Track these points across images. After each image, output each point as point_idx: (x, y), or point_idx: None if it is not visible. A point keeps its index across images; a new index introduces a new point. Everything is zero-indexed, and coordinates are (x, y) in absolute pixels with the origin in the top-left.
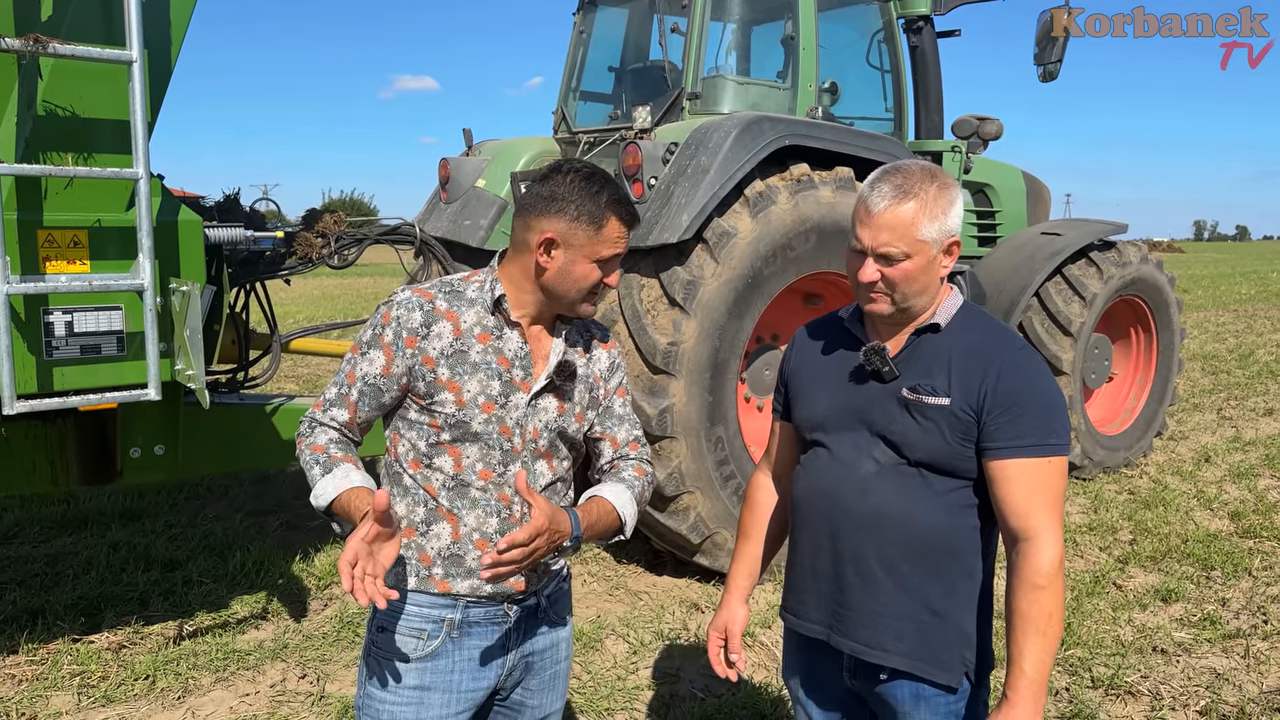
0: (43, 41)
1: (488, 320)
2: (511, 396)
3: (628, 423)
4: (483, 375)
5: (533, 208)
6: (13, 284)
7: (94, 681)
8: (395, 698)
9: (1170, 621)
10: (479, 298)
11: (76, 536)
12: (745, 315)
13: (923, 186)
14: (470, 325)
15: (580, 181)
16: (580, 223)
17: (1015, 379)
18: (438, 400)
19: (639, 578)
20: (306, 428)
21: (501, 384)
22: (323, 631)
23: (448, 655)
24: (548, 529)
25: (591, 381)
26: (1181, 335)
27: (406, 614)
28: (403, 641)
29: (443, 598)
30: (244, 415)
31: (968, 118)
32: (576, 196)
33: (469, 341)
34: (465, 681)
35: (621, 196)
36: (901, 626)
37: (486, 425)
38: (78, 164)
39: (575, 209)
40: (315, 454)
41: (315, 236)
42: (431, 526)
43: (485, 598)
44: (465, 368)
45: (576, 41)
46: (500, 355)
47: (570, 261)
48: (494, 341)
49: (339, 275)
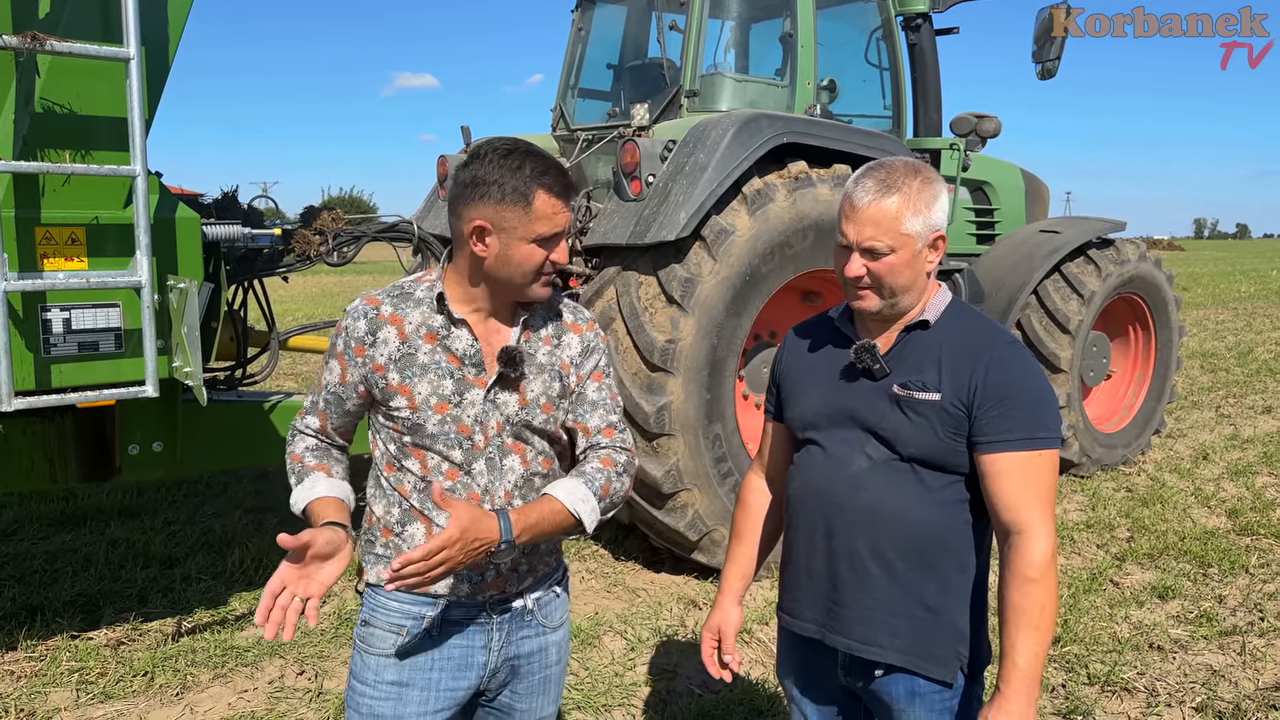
0: (40, 39)
1: (434, 320)
2: (466, 394)
3: (601, 409)
4: (433, 376)
5: (459, 197)
6: (10, 281)
7: (93, 678)
8: (375, 692)
9: (1167, 618)
10: (426, 297)
11: (75, 533)
12: (743, 313)
13: (906, 181)
14: (415, 327)
15: (500, 159)
16: (506, 204)
17: (1005, 373)
18: (393, 405)
19: (637, 574)
20: (290, 435)
21: (454, 382)
22: (320, 628)
23: (426, 652)
24: (460, 539)
25: (558, 369)
26: (1180, 333)
27: (387, 609)
28: (383, 636)
29: (422, 596)
30: (242, 412)
31: (966, 115)
32: (498, 176)
33: (415, 343)
34: (445, 680)
35: (548, 168)
36: (896, 623)
37: (442, 425)
38: (75, 161)
39: (499, 190)
40: (293, 463)
41: (313, 234)
42: (406, 527)
43: (464, 598)
44: (414, 370)
45: (575, 39)
46: (449, 354)
47: (507, 246)
48: (442, 340)
49: (337, 273)
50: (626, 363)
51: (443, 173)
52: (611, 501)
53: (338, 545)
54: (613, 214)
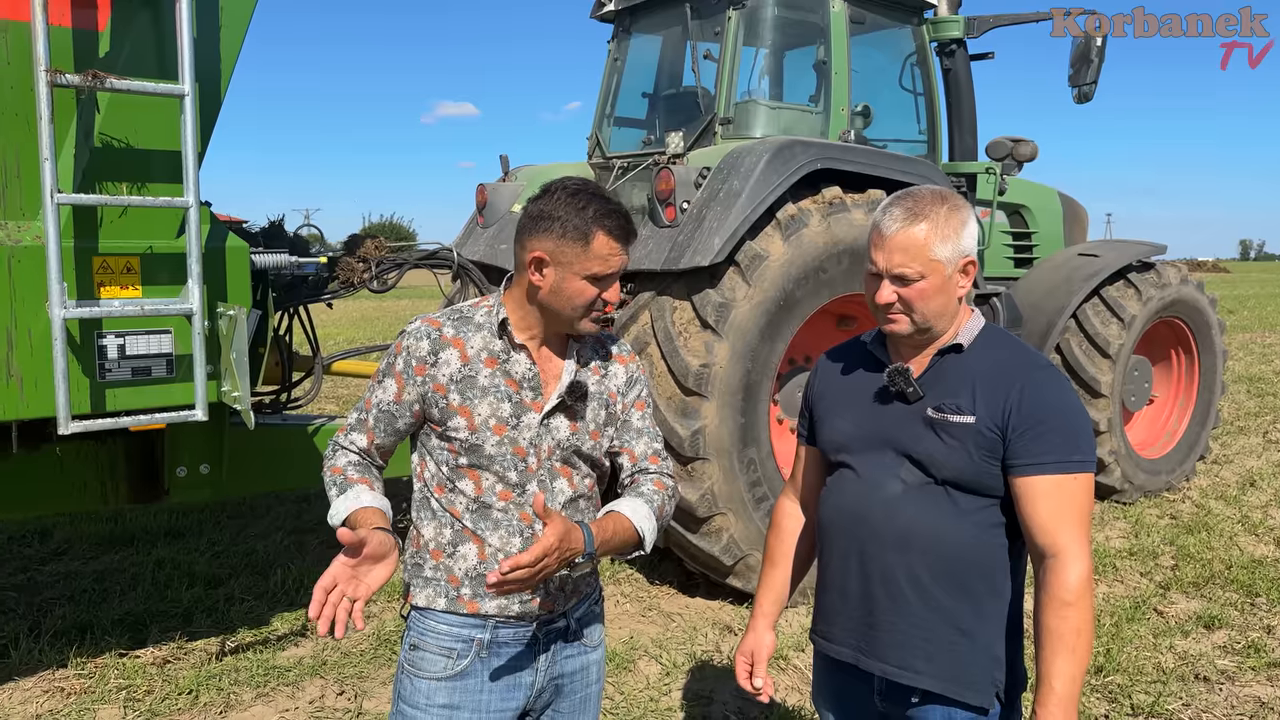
0: (101, 77)
1: (494, 344)
2: (523, 417)
3: (646, 436)
4: (492, 398)
5: (525, 228)
6: (69, 308)
7: (139, 695)
8: (426, 716)
9: (1213, 649)
10: (486, 322)
11: (123, 553)
12: (777, 337)
13: (933, 209)
14: (477, 350)
15: (567, 198)
16: (567, 240)
17: (1039, 396)
18: (451, 426)
19: (672, 599)
20: (330, 451)
21: (512, 405)
22: (360, 649)
23: (476, 675)
24: (557, 547)
25: (606, 398)
26: (1224, 357)
27: (437, 633)
28: (433, 660)
29: (472, 618)
30: (287, 435)
31: (1002, 139)
32: (563, 213)
33: (476, 366)
34: (494, 701)
35: (611, 210)
36: (931, 648)
37: (499, 447)
38: (131, 194)
39: (562, 226)
40: (334, 476)
41: (356, 261)
42: (458, 548)
43: (514, 618)
44: (475, 392)
45: (611, 68)
46: (508, 378)
47: (561, 279)
48: (501, 365)
49: (378, 298)
50: (661, 387)
51: (481, 200)
52: (663, 524)
53: (388, 549)
54: (647, 240)
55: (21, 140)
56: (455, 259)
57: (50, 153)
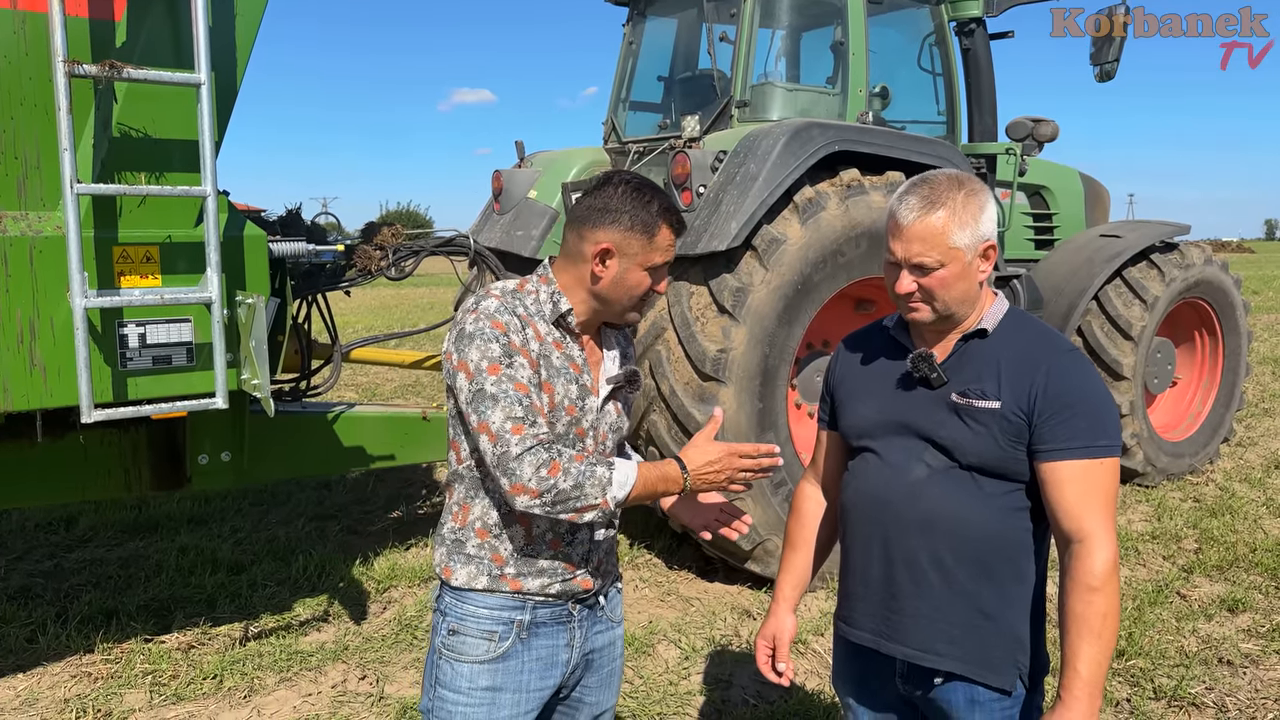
0: (118, 67)
1: (555, 330)
2: (585, 401)
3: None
4: (564, 380)
5: (587, 219)
6: (90, 298)
7: (165, 680)
8: (468, 699)
9: (1237, 632)
10: (540, 309)
11: (147, 540)
12: (795, 322)
13: (950, 195)
14: (546, 331)
15: (632, 192)
16: (634, 232)
17: (1065, 381)
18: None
19: (690, 584)
20: (534, 458)
21: (578, 388)
22: (382, 634)
23: (518, 656)
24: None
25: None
26: (1249, 338)
27: (477, 617)
28: (475, 644)
29: (512, 598)
30: (307, 423)
31: (1022, 119)
32: (630, 207)
33: (548, 347)
34: (534, 681)
35: (671, 205)
36: (954, 631)
37: (568, 427)
38: (150, 183)
39: (629, 219)
40: (578, 464)
41: (374, 249)
42: (506, 529)
43: (552, 596)
44: (552, 370)
45: (626, 52)
46: (572, 361)
47: (625, 270)
48: (565, 349)
49: (395, 286)
50: (678, 372)
51: (497, 186)
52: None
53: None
54: None
55: (41, 131)
56: (472, 246)
57: (69, 143)
